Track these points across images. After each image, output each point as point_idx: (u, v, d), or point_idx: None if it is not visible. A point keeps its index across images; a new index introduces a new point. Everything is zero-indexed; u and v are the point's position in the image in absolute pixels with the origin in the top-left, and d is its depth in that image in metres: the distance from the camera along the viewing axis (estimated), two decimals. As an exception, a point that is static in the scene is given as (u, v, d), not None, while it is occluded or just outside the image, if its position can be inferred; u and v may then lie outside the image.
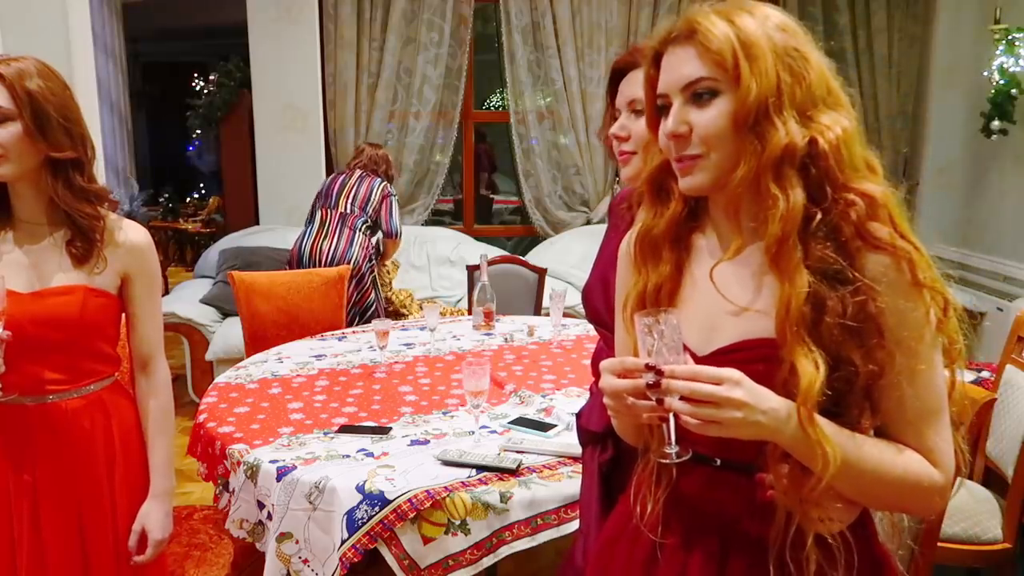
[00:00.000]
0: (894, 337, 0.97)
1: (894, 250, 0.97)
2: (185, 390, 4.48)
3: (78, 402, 1.60)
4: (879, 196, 0.99)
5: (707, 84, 0.99)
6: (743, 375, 0.94)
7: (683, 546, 1.10)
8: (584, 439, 1.63)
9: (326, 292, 3.48)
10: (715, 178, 1.02)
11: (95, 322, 1.60)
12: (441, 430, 2.11)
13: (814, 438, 0.93)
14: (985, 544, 2.28)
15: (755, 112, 0.97)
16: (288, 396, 2.37)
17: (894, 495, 1.01)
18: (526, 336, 3.07)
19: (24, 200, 1.58)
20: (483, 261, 3.29)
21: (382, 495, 1.74)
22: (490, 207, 8.00)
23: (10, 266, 1.56)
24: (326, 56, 5.20)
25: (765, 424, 0.93)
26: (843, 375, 0.96)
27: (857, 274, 0.97)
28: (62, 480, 1.59)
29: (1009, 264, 4.81)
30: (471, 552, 1.73)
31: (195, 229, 9.62)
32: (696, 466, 1.07)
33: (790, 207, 0.97)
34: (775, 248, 0.98)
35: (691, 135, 1.01)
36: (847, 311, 0.95)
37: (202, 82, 9.64)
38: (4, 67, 1.49)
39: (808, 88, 0.99)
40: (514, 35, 5.30)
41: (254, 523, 1.93)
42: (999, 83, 4.55)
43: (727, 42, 0.97)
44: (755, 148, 0.98)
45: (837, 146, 0.98)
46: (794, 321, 0.95)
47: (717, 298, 1.05)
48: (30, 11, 2.74)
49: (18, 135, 1.49)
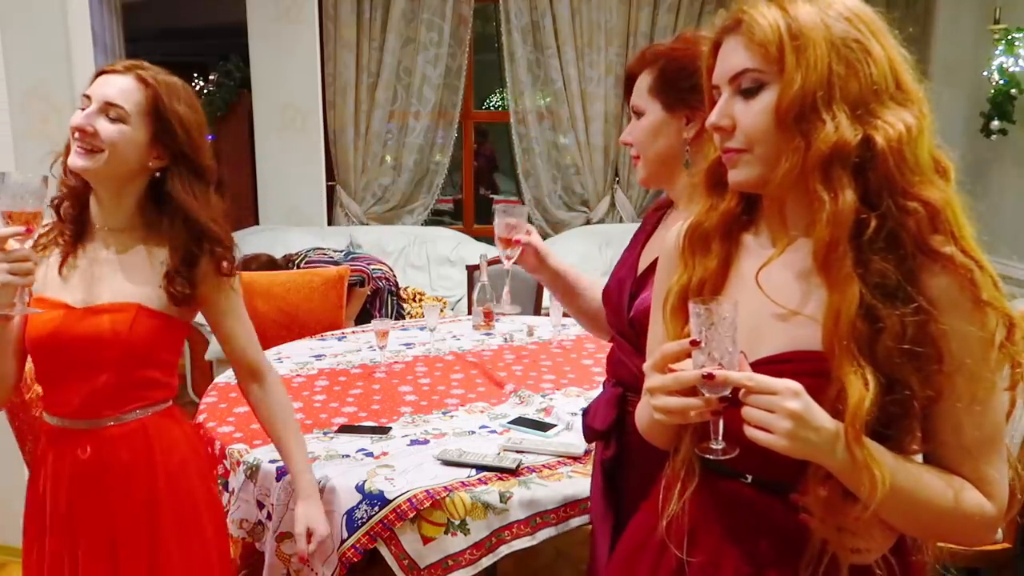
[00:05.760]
0: (955, 361, 0.91)
1: (955, 267, 0.90)
2: (185, 390, 4.48)
3: (117, 430, 1.51)
4: (939, 204, 0.91)
5: (753, 76, 0.95)
6: (802, 388, 0.88)
7: (711, 564, 1.05)
8: (589, 436, 1.64)
9: (326, 292, 3.47)
10: (761, 174, 0.97)
11: (144, 344, 1.49)
12: (441, 430, 2.11)
13: (861, 461, 0.88)
14: (985, 544, 2.28)
15: (800, 106, 0.91)
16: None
17: (942, 526, 0.96)
18: (526, 336, 3.06)
19: (107, 207, 1.51)
20: (483, 261, 3.28)
21: (382, 495, 1.74)
22: (490, 207, 8.00)
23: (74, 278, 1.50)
24: (326, 56, 5.20)
25: (815, 443, 0.88)
26: (898, 399, 0.91)
27: (918, 293, 0.90)
28: (98, 511, 1.51)
29: (1009, 264, 4.80)
30: (471, 552, 1.73)
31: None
32: (726, 481, 1.03)
33: (838, 210, 0.90)
34: (823, 253, 0.92)
35: (734, 129, 0.97)
36: (907, 332, 0.89)
37: (202, 82, 9.63)
38: (149, 73, 1.46)
39: (867, 81, 0.92)
40: (514, 35, 5.30)
41: (254, 523, 1.93)
42: (999, 83, 4.55)
43: (773, 32, 0.92)
44: (799, 145, 0.92)
45: (898, 146, 0.91)
46: (843, 334, 0.89)
47: (763, 300, 0.99)
48: (30, 11, 2.74)
49: (128, 137, 1.44)
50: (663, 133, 1.49)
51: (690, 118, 1.45)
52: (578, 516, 1.80)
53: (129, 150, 1.45)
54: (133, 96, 1.45)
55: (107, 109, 1.44)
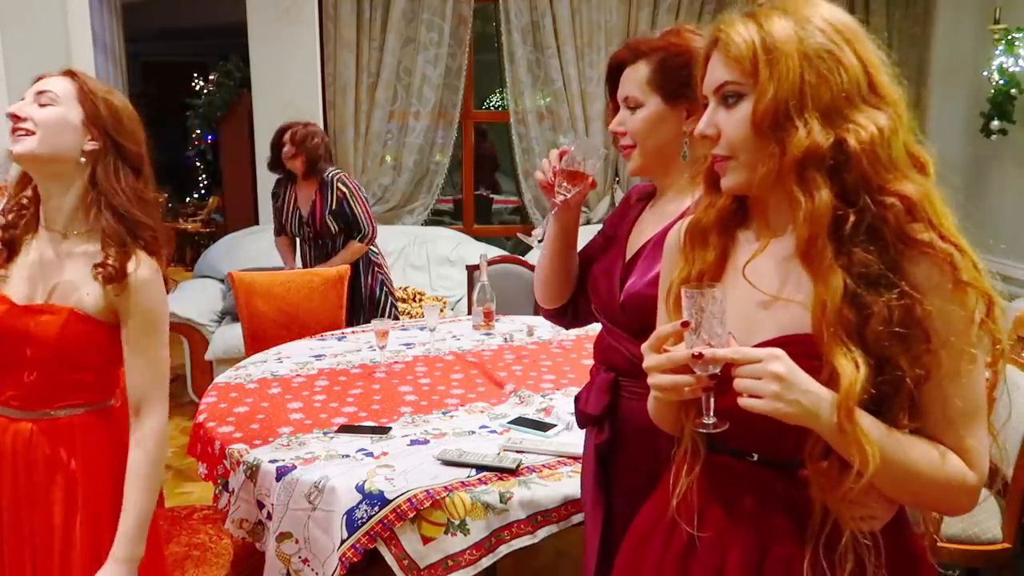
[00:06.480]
0: (940, 340, 0.97)
1: (935, 252, 0.97)
2: (185, 390, 4.49)
3: (43, 424, 1.52)
4: (915, 196, 0.98)
5: (732, 88, 1.03)
6: (784, 353, 0.96)
7: (720, 540, 1.11)
8: (582, 421, 1.66)
9: (326, 292, 3.48)
10: (748, 178, 1.04)
11: (74, 348, 1.50)
12: (441, 430, 2.11)
13: (853, 436, 0.94)
14: (985, 544, 2.28)
15: (774, 114, 0.98)
16: (288, 396, 2.38)
17: (930, 494, 1.02)
18: (526, 336, 3.07)
19: (49, 204, 1.53)
20: (483, 261, 3.30)
21: (382, 495, 1.74)
22: (490, 207, 8.00)
23: (20, 275, 1.53)
24: (326, 56, 5.20)
25: (805, 405, 0.94)
26: (889, 379, 0.97)
27: (900, 278, 0.97)
28: (21, 502, 1.52)
29: (1009, 264, 4.81)
30: (471, 552, 1.73)
31: (195, 229, 9.63)
32: (734, 461, 1.09)
33: (814, 208, 0.98)
34: (803, 249, 1.00)
35: (719, 137, 1.05)
36: (893, 316, 0.96)
37: (202, 82, 9.63)
38: (81, 73, 1.53)
39: (839, 89, 0.98)
40: (514, 35, 5.30)
41: (254, 523, 1.93)
42: (999, 83, 4.55)
43: (748, 47, 1.00)
44: (774, 150, 1.00)
45: (871, 147, 0.97)
46: (831, 322, 0.96)
47: (753, 292, 1.07)
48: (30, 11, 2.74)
49: (59, 116, 1.48)
50: (663, 125, 1.50)
51: (691, 111, 1.46)
52: (579, 514, 1.80)
53: (62, 129, 1.49)
54: (60, 84, 1.51)
55: (38, 98, 1.50)
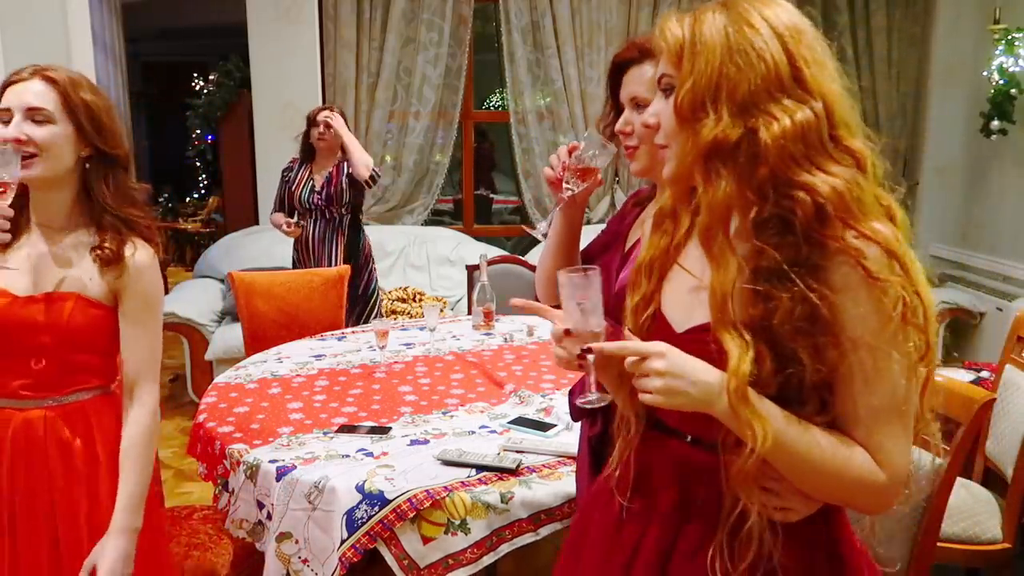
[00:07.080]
0: (848, 336, 0.97)
1: (842, 246, 0.96)
2: (185, 390, 4.49)
3: (57, 410, 1.56)
4: (826, 192, 0.96)
5: (666, 80, 1.07)
6: (670, 348, 1.00)
7: (645, 511, 1.16)
8: (575, 414, 1.68)
9: (326, 292, 3.48)
10: (676, 167, 1.07)
11: (83, 332, 1.56)
12: (441, 430, 2.11)
13: (744, 417, 0.96)
14: (984, 544, 2.28)
15: (691, 103, 1.01)
16: (288, 396, 2.38)
17: (835, 487, 1.01)
18: (526, 336, 3.07)
19: (46, 204, 1.57)
20: (483, 261, 3.30)
21: (382, 495, 1.74)
22: (490, 207, 8.00)
23: (19, 268, 1.55)
24: (326, 56, 5.19)
25: (695, 396, 0.98)
26: (794, 372, 0.98)
27: (814, 274, 0.97)
28: (38, 489, 1.55)
29: (1008, 264, 4.81)
30: (472, 550, 1.73)
31: (195, 229, 9.63)
32: (669, 439, 1.13)
33: (712, 198, 1.01)
34: (701, 236, 1.05)
35: (659, 127, 1.09)
36: (796, 310, 0.97)
37: (202, 82, 9.64)
38: (55, 73, 1.52)
39: (757, 81, 0.98)
40: (514, 35, 5.30)
41: (254, 523, 1.93)
42: (999, 83, 4.55)
43: (676, 41, 1.03)
44: (687, 139, 1.02)
45: (782, 140, 0.97)
46: (719, 307, 1.00)
47: (691, 278, 1.10)
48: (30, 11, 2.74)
49: (58, 135, 1.50)
50: None
51: None
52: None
53: (63, 147, 1.52)
54: (48, 96, 1.51)
55: (31, 114, 1.50)
